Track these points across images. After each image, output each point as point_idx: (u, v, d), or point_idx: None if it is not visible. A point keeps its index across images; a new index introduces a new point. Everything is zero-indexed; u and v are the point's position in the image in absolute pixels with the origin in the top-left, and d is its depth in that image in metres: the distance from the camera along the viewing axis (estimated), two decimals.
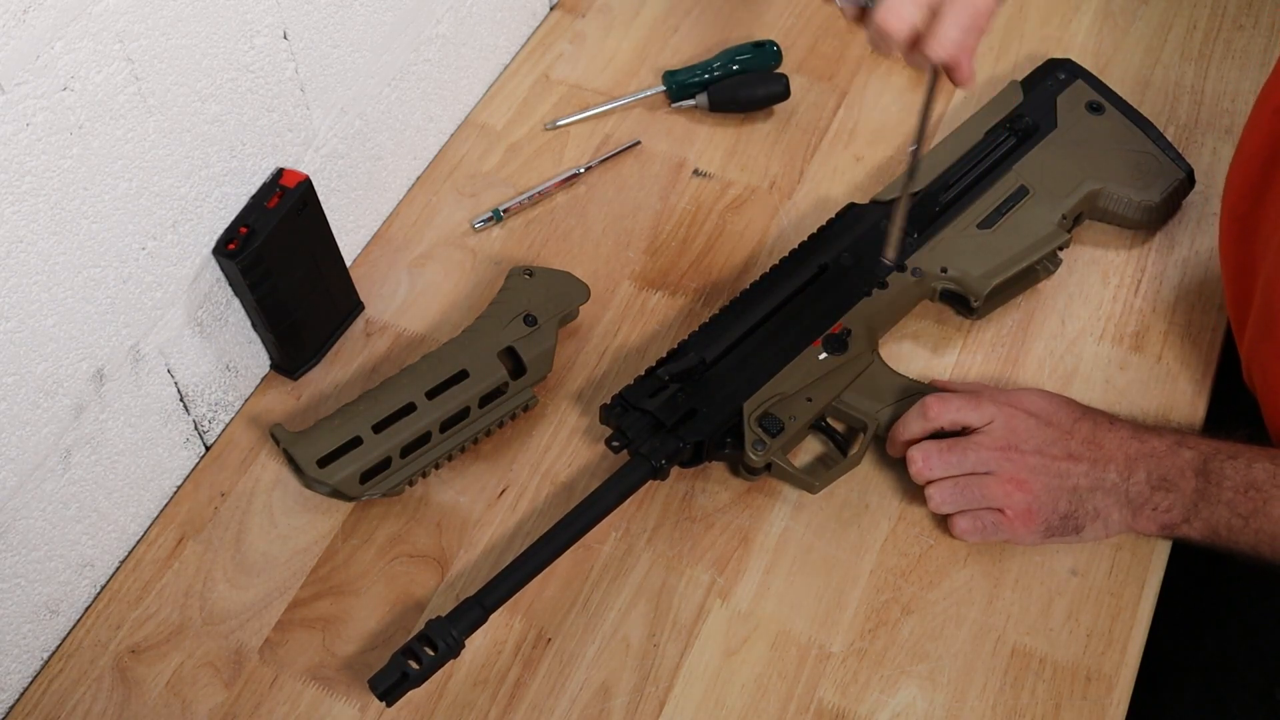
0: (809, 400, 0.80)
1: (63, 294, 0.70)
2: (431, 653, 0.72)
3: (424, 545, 0.82)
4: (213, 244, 0.80)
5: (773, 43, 1.07)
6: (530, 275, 0.89)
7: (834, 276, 0.85)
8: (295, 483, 0.85)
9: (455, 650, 0.72)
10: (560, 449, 0.86)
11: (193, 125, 0.75)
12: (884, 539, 0.81)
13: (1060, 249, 0.89)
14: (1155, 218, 0.92)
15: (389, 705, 0.72)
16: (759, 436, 0.78)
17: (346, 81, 0.89)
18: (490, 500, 0.84)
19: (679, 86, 1.05)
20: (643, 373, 0.81)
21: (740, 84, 1.04)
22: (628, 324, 0.92)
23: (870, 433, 0.82)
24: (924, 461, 0.78)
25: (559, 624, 0.79)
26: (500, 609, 0.76)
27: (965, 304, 0.87)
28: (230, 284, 0.83)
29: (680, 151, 1.03)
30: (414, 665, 0.71)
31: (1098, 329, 0.90)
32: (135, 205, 0.73)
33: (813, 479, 0.80)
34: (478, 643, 0.78)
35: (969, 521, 0.77)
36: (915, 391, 0.82)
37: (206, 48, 0.73)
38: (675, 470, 0.83)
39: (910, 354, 0.89)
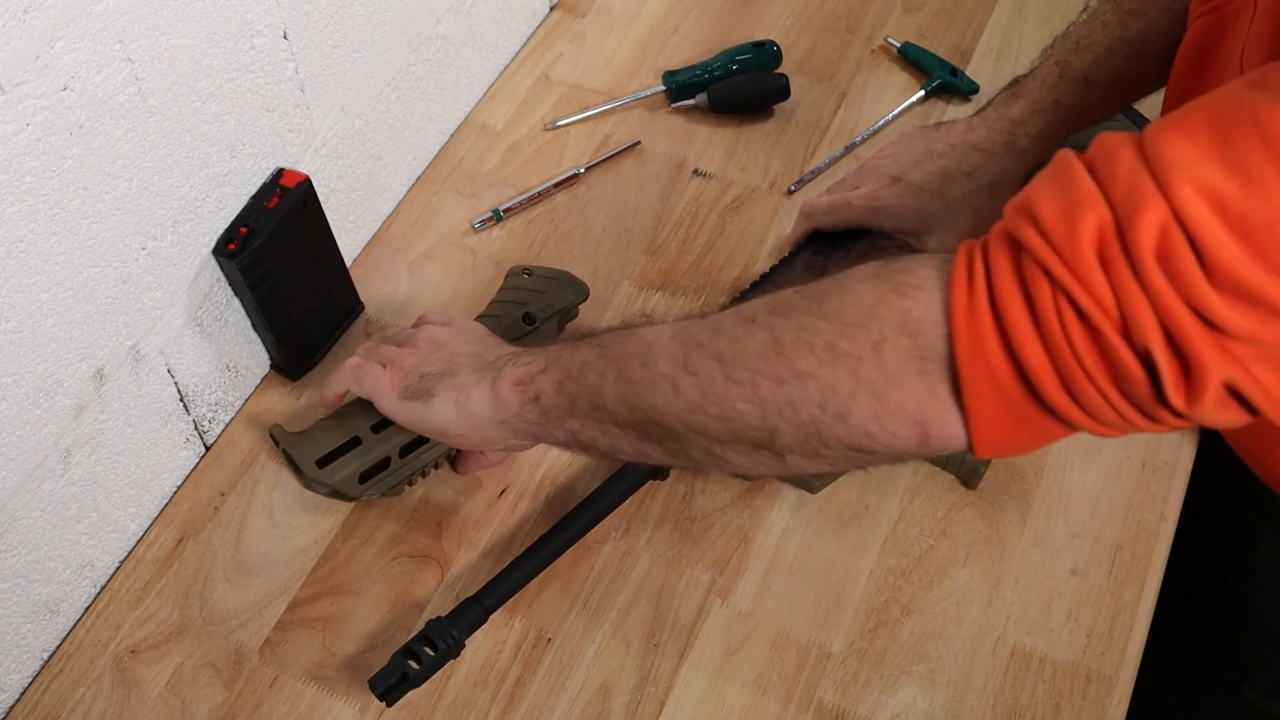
0: None
1: (63, 294, 0.70)
2: (431, 653, 0.72)
3: (424, 545, 0.82)
4: (213, 244, 0.80)
5: (773, 43, 1.07)
6: (529, 274, 0.88)
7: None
8: (295, 483, 0.85)
9: (455, 650, 0.72)
10: (560, 449, 0.86)
11: (193, 125, 0.75)
12: (884, 539, 0.81)
13: None
14: None
15: (389, 705, 0.72)
16: None
17: (346, 81, 0.89)
18: (490, 500, 0.84)
19: (679, 86, 1.05)
20: None
21: (740, 84, 1.04)
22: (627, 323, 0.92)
23: None
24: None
25: (559, 624, 0.79)
26: (500, 609, 0.76)
27: None
28: (230, 284, 0.83)
29: (680, 151, 1.03)
30: (414, 665, 0.71)
31: None
32: (135, 205, 0.73)
33: (813, 479, 0.80)
34: (478, 643, 0.78)
35: (353, 361, 0.78)
36: None
37: (206, 48, 0.73)
38: (675, 469, 0.83)
39: None
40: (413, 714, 0.76)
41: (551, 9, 1.15)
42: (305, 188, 0.83)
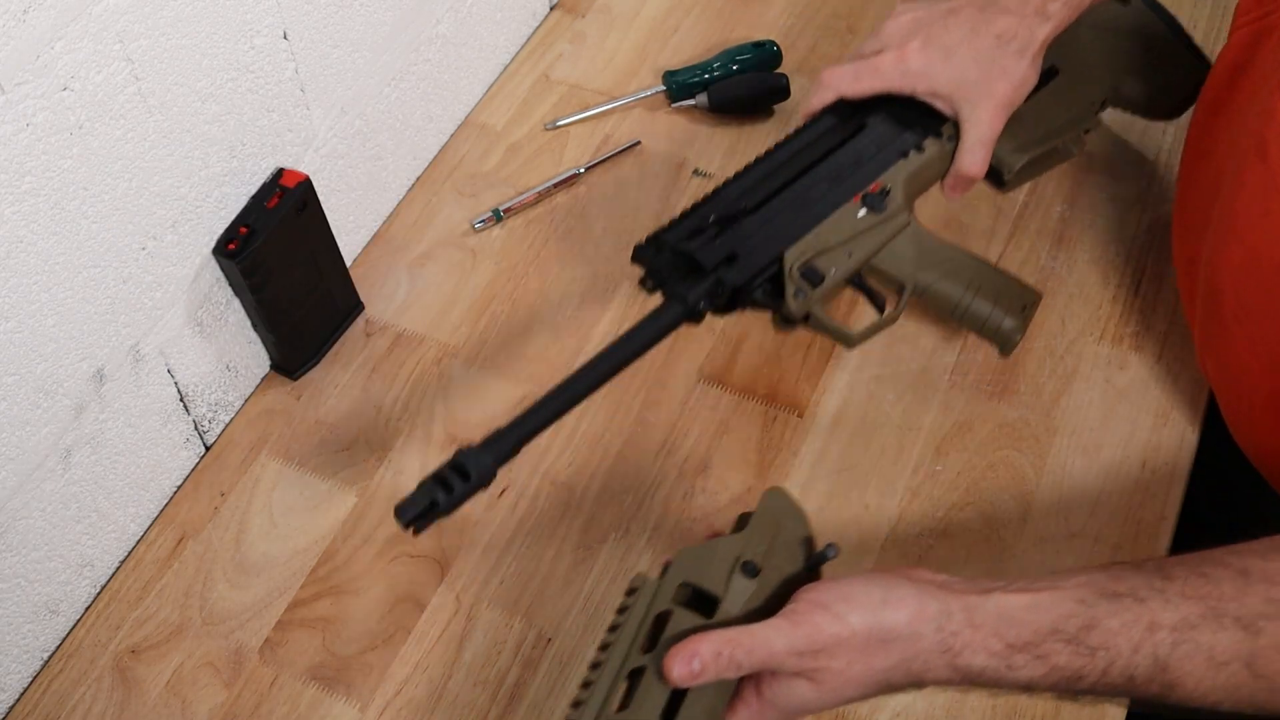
0: (849, 254, 0.78)
1: (63, 294, 0.70)
2: (463, 480, 0.64)
3: (424, 545, 0.82)
4: (213, 244, 0.80)
5: (773, 43, 1.07)
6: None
7: (871, 136, 0.82)
8: (295, 483, 0.85)
9: (487, 479, 0.65)
10: (560, 449, 0.86)
11: (193, 125, 0.75)
12: (884, 539, 0.81)
13: (1087, 131, 0.88)
14: (1174, 108, 0.93)
15: (416, 534, 0.65)
16: (800, 286, 0.76)
17: (346, 81, 0.89)
18: (490, 500, 0.84)
19: (679, 86, 1.05)
20: (678, 215, 0.78)
21: (740, 84, 1.04)
22: (628, 324, 0.92)
23: (908, 292, 0.80)
24: None
25: (559, 624, 0.79)
26: (499, 609, 0.76)
27: (997, 177, 0.86)
28: (230, 284, 0.83)
29: (680, 151, 1.03)
30: (443, 493, 0.64)
31: (1098, 329, 0.90)
32: (135, 205, 0.73)
33: (850, 331, 0.79)
34: (477, 642, 0.78)
35: None
36: (950, 256, 0.80)
37: (206, 48, 0.73)
38: (675, 470, 0.83)
39: (910, 354, 0.89)
40: (413, 714, 0.76)
41: (551, 9, 1.15)
42: (305, 188, 0.83)
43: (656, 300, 0.75)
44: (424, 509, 0.63)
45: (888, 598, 0.57)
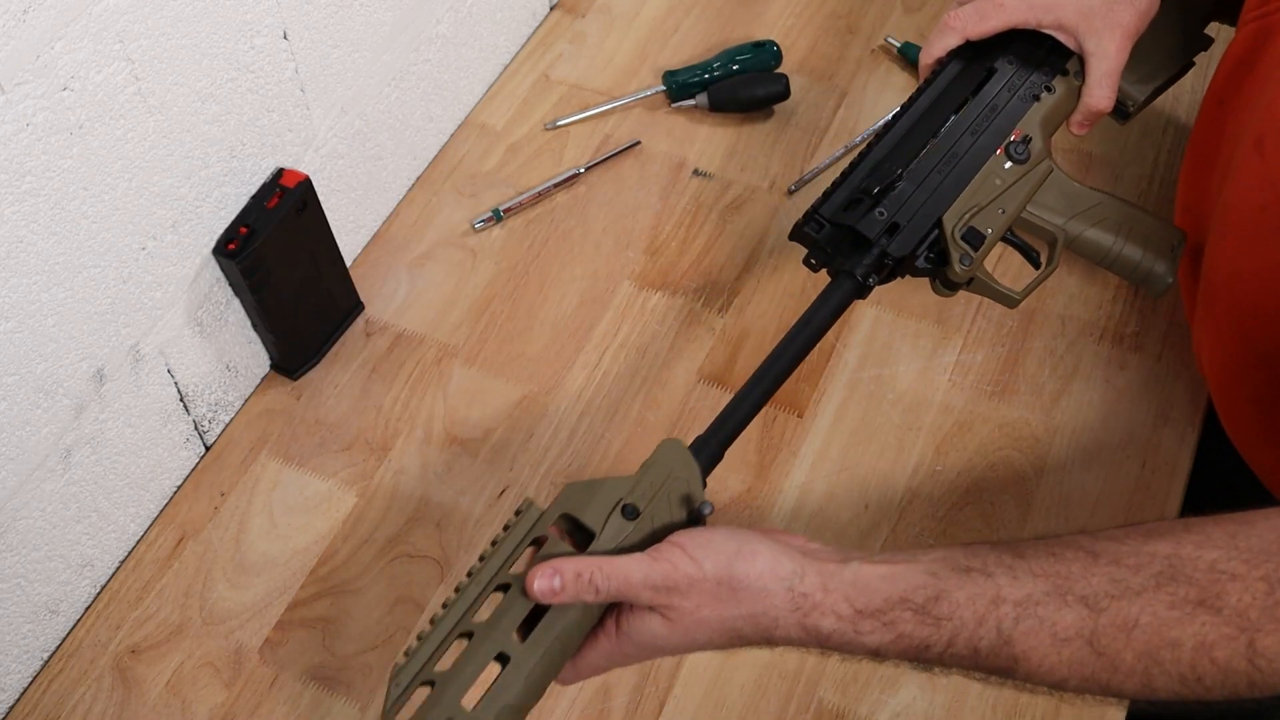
0: (1002, 211, 0.77)
1: (63, 294, 0.70)
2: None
3: (424, 545, 0.82)
4: (213, 244, 0.80)
5: (773, 43, 1.07)
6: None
7: (1002, 81, 0.79)
8: (295, 483, 0.85)
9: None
10: (560, 449, 0.86)
11: (193, 125, 0.75)
12: (884, 539, 0.81)
13: (1203, 45, 0.85)
14: None
15: None
16: (965, 250, 0.75)
17: (346, 81, 0.89)
18: (490, 500, 0.84)
19: (679, 86, 1.05)
20: (830, 186, 0.76)
21: (740, 84, 1.04)
22: (628, 324, 0.92)
23: (1060, 244, 0.79)
24: None
25: None
26: None
27: (1121, 110, 0.84)
28: (230, 284, 0.83)
29: (680, 151, 1.03)
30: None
31: (1098, 329, 0.90)
32: (135, 205, 0.73)
33: (1013, 292, 0.78)
34: None
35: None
36: (1097, 201, 0.79)
37: (206, 48, 0.73)
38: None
39: (910, 354, 0.89)
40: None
41: (551, 9, 1.15)
42: (305, 188, 0.83)
43: (656, 300, 0.75)
44: None
45: (742, 550, 0.59)
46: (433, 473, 0.85)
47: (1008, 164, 0.77)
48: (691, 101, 1.05)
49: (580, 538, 0.61)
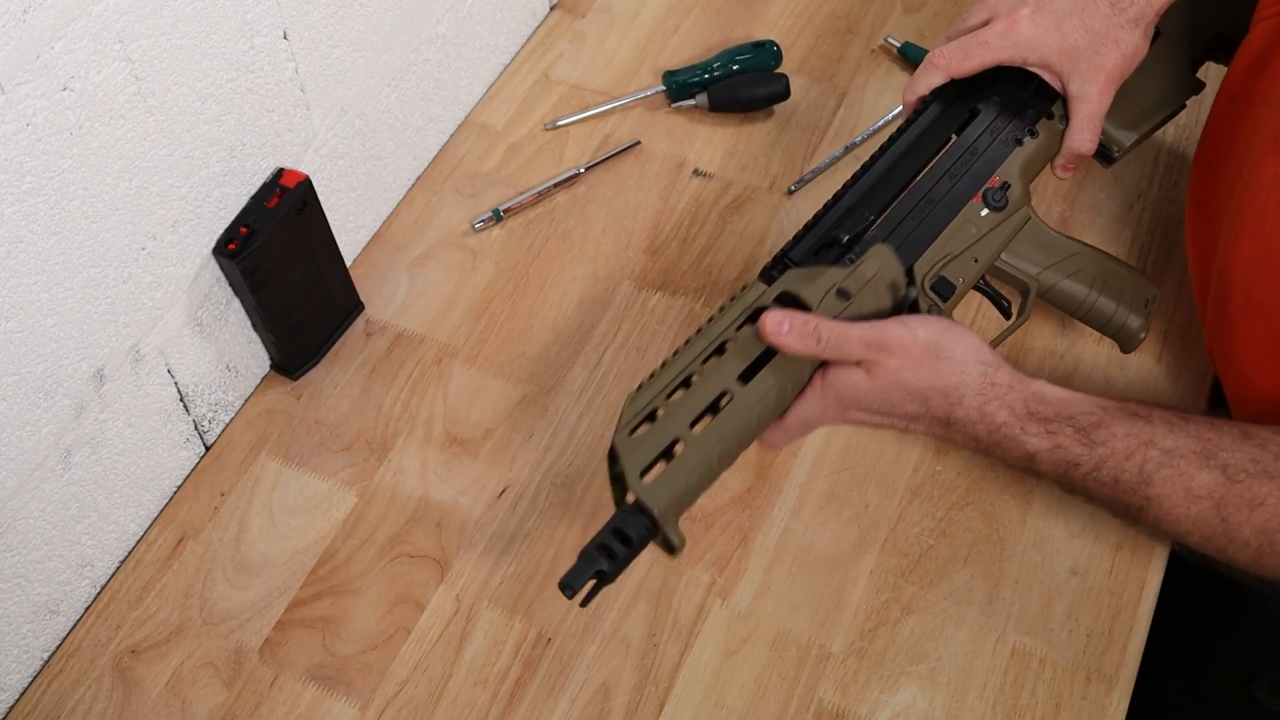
0: (975, 260, 0.75)
1: (63, 294, 0.70)
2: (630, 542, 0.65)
3: (424, 545, 0.82)
4: (213, 244, 0.80)
5: (773, 43, 1.07)
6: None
7: (984, 123, 0.78)
8: (295, 483, 0.85)
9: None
10: (560, 449, 0.86)
11: (193, 125, 0.75)
12: (884, 539, 0.81)
13: (1194, 92, 0.84)
14: None
15: (583, 606, 0.65)
16: (934, 301, 0.74)
17: (346, 81, 0.89)
18: (490, 500, 0.84)
19: (679, 86, 1.05)
20: (802, 229, 0.74)
21: (740, 84, 1.04)
22: (628, 324, 0.92)
23: (1033, 294, 0.78)
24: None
25: (559, 624, 0.79)
26: (499, 608, 0.75)
27: (1106, 155, 0.82)
28: (230, 284, 0.83)
29: (680, 151, 1.03)
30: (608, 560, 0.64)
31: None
32: (135, 205, 0.73)
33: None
34: (477, 642, 0.78)
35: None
36: (1073, 251, 0.78)
37: (206, 48, 0.73)
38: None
39: None
40: (413, 714, 0.76)
41: (551, 9, 1.15)
42: (305, 188, 0.83)
43: (656, 300, 0.75)
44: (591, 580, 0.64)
45: (953, 329, 0.68)
46: (433, 473, 0.85)
47: (984, 211, 0.75)
48: (691, 101, 1.05)
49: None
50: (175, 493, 0.86)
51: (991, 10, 0.77)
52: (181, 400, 0.83)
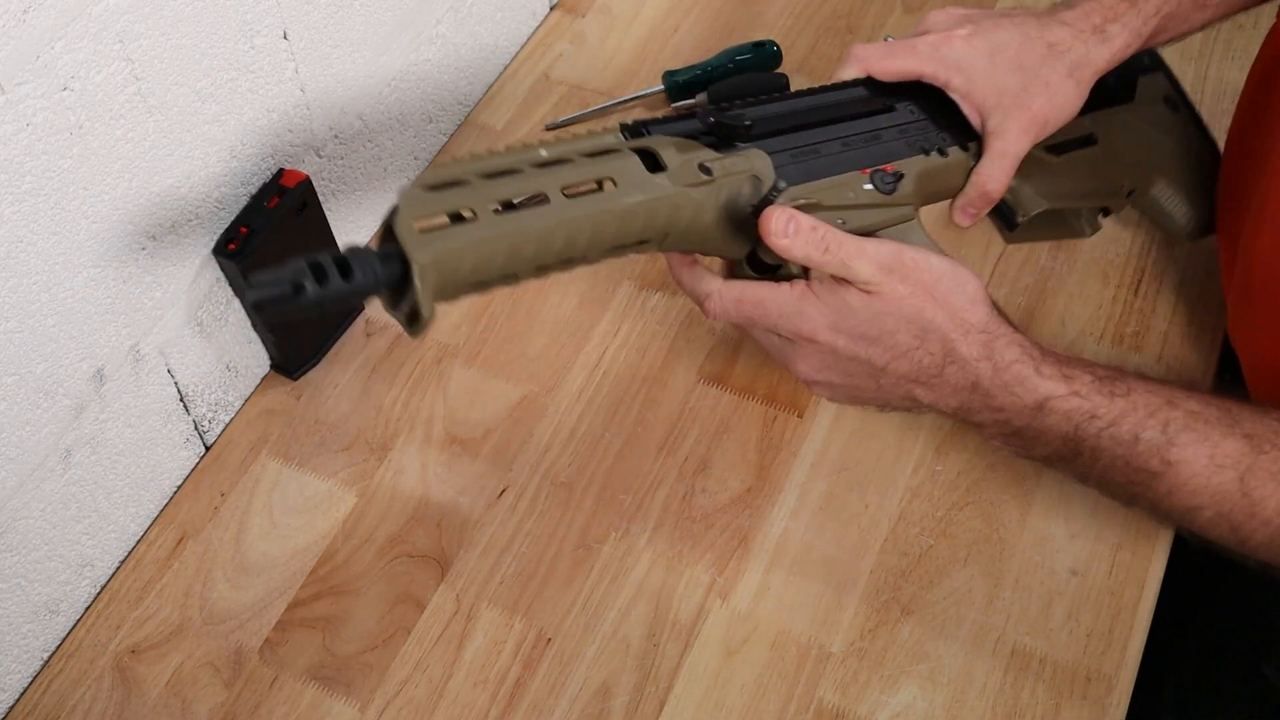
0: (842, 222, 0.70)
1: (63, 294, 0.70)
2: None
3: (424, 545, 0.82)
4: (213, 244, 0.80)
5: (773, 43, 1.07)
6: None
7: (897, 119, 0.74)
8: (295, 483, 0.85)
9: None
10: (560, 449, 0.86)
11: (193, 125, 0.75)
12: (884, 539, 0.81)
13: (1106, 213, 0.84)
14: (1193, 233, 0.87)
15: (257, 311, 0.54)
16: None
17: (346, 81, 0.89)
18: (490, 500, 0.84)
19: (679, 86, 1.05)
20: (673, 110, 0.71)
21: (740, 84, 1.04)
22: (628, 324, 0.92)
23: None
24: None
25: (559, 624, 0.79)
26: (499, 609, 0.75)
27: (1008, 219, 0.79)
28: (230, 284, 0.83)
29: None
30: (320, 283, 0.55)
31: (1098, 329, 0.90)
32: (135, 205, 0.73)
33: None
34: (477, 642, 0.78)
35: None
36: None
37: (206, 48, 0.73)
38: (675, 470, 0.83)
39: None
40: (413, 714, 0.76)
41: (551, 9, 1.15)
42: (305, 188, 0.83)
43: (656, 300, 0.74)
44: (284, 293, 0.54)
45: (963, 265, 0.63)
46: (433, 473, 0.85)
47: (868, 185, 0.71)
48: (691, 101, 1.05)
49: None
50: (175, 493, 0.86)
51: (929, 26, 0.75)
52: (181, 400, 0.83)
